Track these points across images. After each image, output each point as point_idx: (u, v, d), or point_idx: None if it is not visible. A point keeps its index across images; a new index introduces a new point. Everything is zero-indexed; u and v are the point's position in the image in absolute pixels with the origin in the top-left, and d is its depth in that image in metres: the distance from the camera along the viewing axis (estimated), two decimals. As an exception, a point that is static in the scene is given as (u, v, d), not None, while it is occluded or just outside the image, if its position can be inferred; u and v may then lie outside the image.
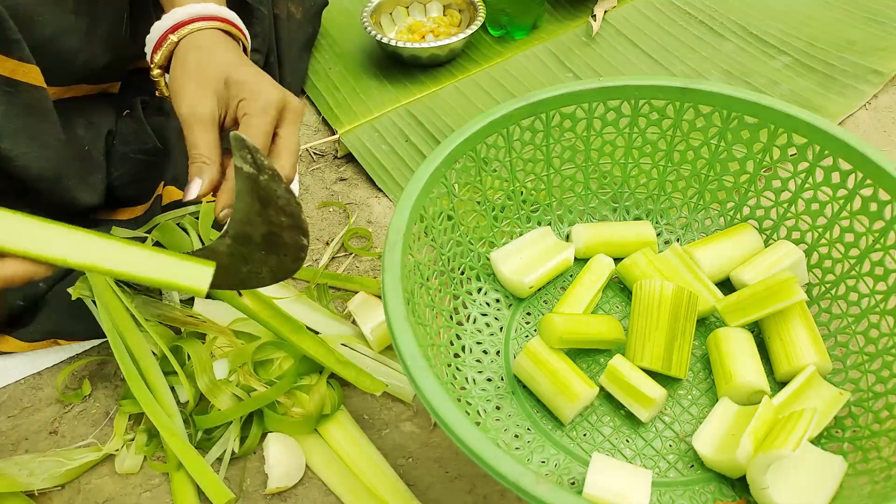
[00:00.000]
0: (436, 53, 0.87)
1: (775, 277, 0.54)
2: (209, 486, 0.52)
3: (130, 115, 0.69)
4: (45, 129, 0.58)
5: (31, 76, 0.55)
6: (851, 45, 0.88)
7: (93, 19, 0.60)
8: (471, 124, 0.56)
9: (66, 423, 0.59)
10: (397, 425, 0.57)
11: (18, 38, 0.53)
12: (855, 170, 0.54)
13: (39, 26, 0.56)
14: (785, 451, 0.44)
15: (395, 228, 0.48)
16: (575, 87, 0.59)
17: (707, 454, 0.50)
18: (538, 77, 0.88)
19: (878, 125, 0.81)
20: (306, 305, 0.63)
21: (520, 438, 0.53)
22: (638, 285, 0.55)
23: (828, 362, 0.53)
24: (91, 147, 0.64)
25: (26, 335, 0.61)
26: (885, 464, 0.45)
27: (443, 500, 0.53)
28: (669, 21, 0.95)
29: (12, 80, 0.54)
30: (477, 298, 0.61)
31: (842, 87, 0.84)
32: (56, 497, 0.54)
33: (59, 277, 0.61)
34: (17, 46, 0.53)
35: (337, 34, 0.97)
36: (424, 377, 0.41)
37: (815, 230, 0.59)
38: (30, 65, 0.55)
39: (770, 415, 0.48)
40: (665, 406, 0.54)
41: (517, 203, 0.64)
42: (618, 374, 0.52)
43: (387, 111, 0.85)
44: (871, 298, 0.54)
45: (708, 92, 0.58)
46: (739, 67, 0.87)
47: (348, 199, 0.76)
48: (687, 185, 0.65)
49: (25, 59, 0.54)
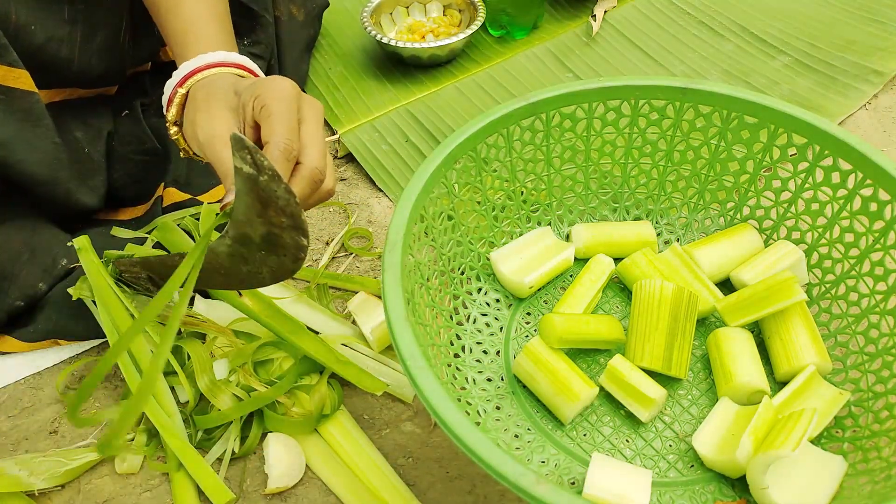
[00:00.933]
0: (436, 53, 0.87)
1: (775, 277, 0.54)
2: (209, 486, 0.53)
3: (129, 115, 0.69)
4: (38, 133, 0.57)
5: (22, 81, 0.55)
6: (851, 45, 0.88)
7: (89, 29, 0.60)
8: (471, 124, 0.56)
9: (66, 423, 0.59)
10: (397, 425, 0.57)
11: (4, 42, 0.53)
12: (855, 170, 0.54)
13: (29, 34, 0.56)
14: (785, 450, 0.44)
15: (396, 228, 0.48)
16: (575, 87, 0.59)
17: (707, 454, 0.50)
18: (538, 77, 0.88)
19: (878, 125, 0.81)
20: (306, 305, 0.63)
21: (520, 438, 0.53)
22: (638, 285, 0.55)
23: (828, 362, 0.53)
24: (91, 149, 0.64)
25: (26, 335, 0.61)
26: (886, 464, 0.45)
27: (443, 500, 0.53)
28: (669, 21, 0.95)
29: (3, 86, 0.54)
30: (477, 298, 0.61)
31: (842, 87, 0.84)
32: (56, 497, 0.54)
33: (59, 278, 0.61)
34: (4, 51, 0.53)
35: (337, 34, 0.97)
36: (424, 377, 0.41)
37: (815, 230, 0.59)
38: (20, 70, 0.54)
39: (770, 415, 0.48)
40: (665, 406, 0.54)
41: (517, 203, 0.64)
42: (618, 374, 0.52)
43: (387, 111, 0.85)
44: (871, 298, 0.54)
45: (708, 92, 0.58)
46: (739, 67, 0.87)
47: (348, 199, 0.76)
48: (687, 185, 0.65)
49: (14, 63, 0.54)
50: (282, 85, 0.45)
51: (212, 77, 0.50)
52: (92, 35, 0.60)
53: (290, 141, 0.44)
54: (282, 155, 0.43)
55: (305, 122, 0.46)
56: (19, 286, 0.59)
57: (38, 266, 0.60)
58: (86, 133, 0.64)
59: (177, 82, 0.51)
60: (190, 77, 0.50)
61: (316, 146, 0.46)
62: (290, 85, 0.46)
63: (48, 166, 0.58)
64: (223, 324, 0.60)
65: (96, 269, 0.57)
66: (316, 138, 0.46)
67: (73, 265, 0.62)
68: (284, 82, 0.46)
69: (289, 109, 0.45)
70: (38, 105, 0.57)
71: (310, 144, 0.46)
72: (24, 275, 0.59)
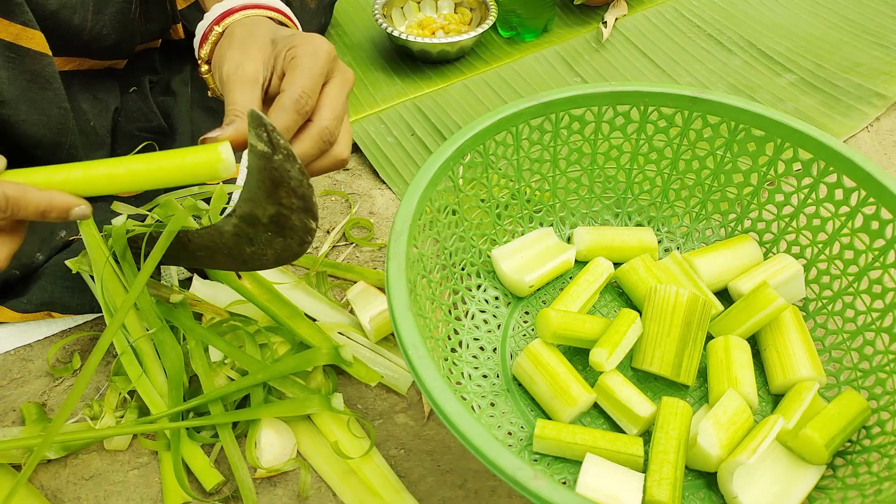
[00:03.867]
0: (445, 49, 0.87)
1: (753, 290, 0.55)
2: (198, 467, 0.52)
3: (137, 91, 0.69)
4: (47, 96, 0.57)
5: (36, 42, 0.54)
6: (857, 67, 0.89)
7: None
8: (481, 120, 0.56)
9: (56, 396, 0.58)
10: (391, 416, 0.57)
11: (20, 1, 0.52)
12: (858, 187, 0.54)
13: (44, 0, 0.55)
14: (742, 457, 0.46)
15: (402, 218, 0.48)
16: (586, 90, 0.59)
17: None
18: (546, 79, 0.89)
19: (879, 147, 0.82)
20: (305, 292, 0.63)
21: (513, 436, 0.53)
22: (653, 289, 0.55)
23: (823, 376, 0.53)
24: (96, 122, 0.63)
25: (20, 306, 0.60)
26: (876, 478, 0.46)
27: (433, 492, 0.53)
28: (679, 32, 0.96)
29: (16, 45, 0.53)
30: (476, 295, 0.61)
31: (845, 108, 0.84)
32: (42, 471, 0.54)
33: (56, 249, 0.61)
34: (19, 10, 0.52)
35: (347, 25, 0.97)
36: (425, 366, 0.41)
37: (815, 245, 0.59)
38: (34, 30, 0.54)
39: (740, 409, 0.50)
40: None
41: (521, 202, 0.64)
42: (608, 389, 0.52)
43: (394, 104, 0.85)
44: (867, 315, 0.55)
45: (718, 103, 0.58)
46: (745, 82, 0.88)
47: (351, 189, 0.76)
48: (690, 195, 0.65)
49: (29, 24, 0.53)
50: (318, 41, 0.44)
51: (252, 18, 0.49)
52: (104, 4, 0.60)
53: (305, 94, 0.43)
54: (293, 105, 0.42)
55: (330, 83, 0.45)
56: (16, 255, 0.58)
57: (37, 236, 0.59)
58: (93, 106, 0.63)
59: (213, 19, 0.50)
60: (228, 15, 0.49)
61: (332, 108, 0.45)
62: (327, 45, 0.45)
63: (51, 130, 0.57)
64: (220, 306, 0.59)
65: (97, 244, 0.56)
66: (335, 100, 0.45)
67: (72, 237, 0.61)
68: (322, 41, 0.45)
69: (316, 65, 0.43)
70: (50, 68, 0.56)
71: (326, 106, 0.45)
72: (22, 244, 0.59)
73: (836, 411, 0.49)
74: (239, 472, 0.52)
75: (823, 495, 0.48)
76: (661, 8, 1.00)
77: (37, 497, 0.51)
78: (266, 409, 0.54)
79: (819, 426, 0.48)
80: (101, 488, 0.53)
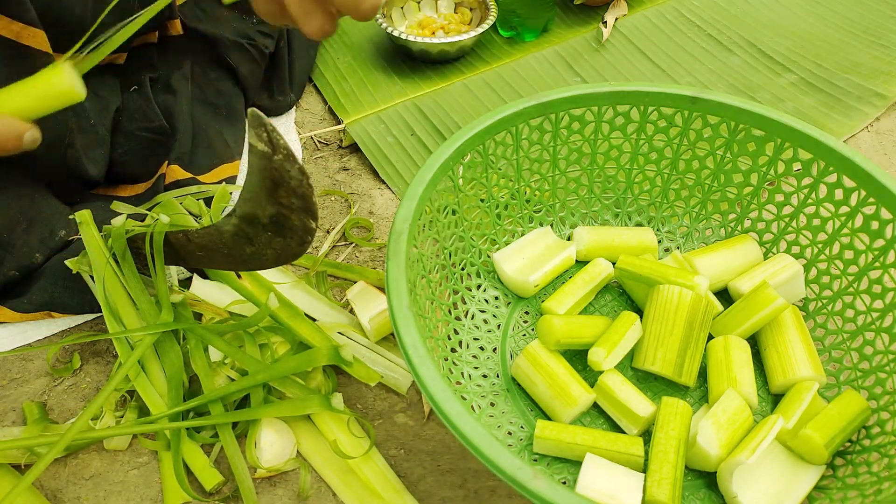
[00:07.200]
0: (445, 49, 0.87)
1: (753, 290, 0.55)
2: (198, 467, 0.52)
3: (138, 91, 0.69)
4: None
5: (37, 41, 0.54)
6: (857, 67, 0.89)
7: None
8: (481, 120, 0.56)
9: (56, 396, 0.58)
10: (390, 416, 0.57)
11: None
12: (858, 187, 0.54)
13: None
14: (742, 457, 0.45)
15: (402, 218, 0.48)
16: (586, 90, 0.59)
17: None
18: (546, 79, 0.89)
19: (879, 147, 0.82)
20: (304, 292, 0.63)
21: (513, 436, 0.53)
22: (656, 289, 0.55)
23: (822, 376, 0.54)
24: (97, 121, 0.63)
25: (20, 306, 0.60)
26: (876, 478, 0.46)
27: (433, 492, 0.53)
28: (679, 32, 0.96)
29: (18, 43, 0.53)
30: (476, 295, 0.61)
31: (845, 108, 0.84)
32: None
33: (56, 249, 0.61)
34: (21, 8, 0.52)
35: (347, 24, 0.97)
36: (425, 366, 0.41)
37: (815, 245, 0.59)
38: (36, 29, 0.54)
39: (739, 409, 0.50)
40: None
41: (520, 202, 0.64)
42: (608, 389, 0.52)
43: (394, 104, 0.85)
44: (867, 315, 0.55)
45: (718, 103, 0.58)
46: (745, 82, 0.88)
47: (351, 189, 0.76)
48: (690, 195, 0.65)
49: (31, 22, 0.53)
50: None
51: None
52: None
53: None
54: None
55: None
56: (15, 256, 0.58)
57: (36, 236, 0.59)
58: (93, 105, 0.63)
59: None
60: None
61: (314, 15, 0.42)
62: None
63: (51, 128, 0.57)
64: (220, 305, 0.59)
65: (97, 244, 0.56)
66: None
67: (72, 237, 0.61)
68: None
69: None
70: None
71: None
72: (21, 244, 0.59)
73: (835, 411, 0.49)
74: (239, 471, 0.52)
75: (823, 495, 0.48)
76: (661, 8, 1.00)
77: (37, 497, 0.51)
78: (266, 409, 0.54)
79: (819, 426, 0.48)
80: (101, 488, 0.53)
